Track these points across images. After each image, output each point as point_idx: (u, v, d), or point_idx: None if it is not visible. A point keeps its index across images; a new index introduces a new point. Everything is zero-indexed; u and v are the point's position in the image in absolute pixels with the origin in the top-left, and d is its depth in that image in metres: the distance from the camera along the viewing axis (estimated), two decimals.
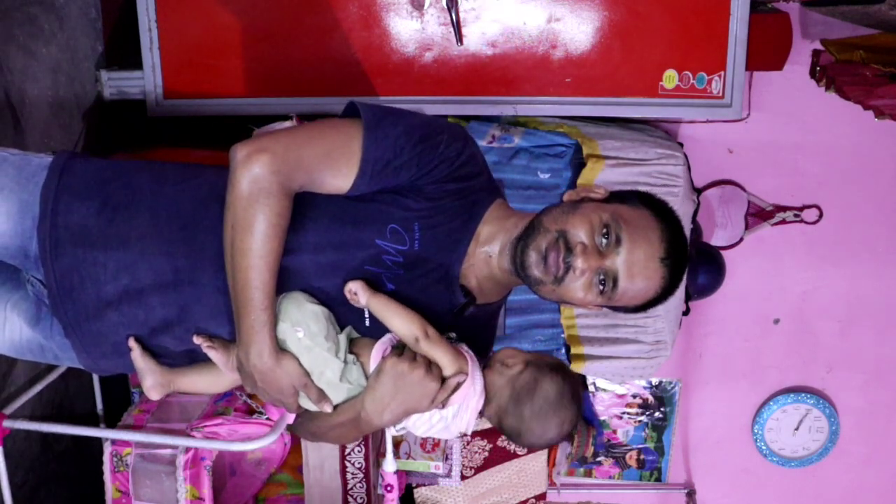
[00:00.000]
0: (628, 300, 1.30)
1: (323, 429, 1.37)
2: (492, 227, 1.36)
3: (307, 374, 1.28)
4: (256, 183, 1.21)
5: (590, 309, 1.35)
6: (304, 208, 1.28)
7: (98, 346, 1.40)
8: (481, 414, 1.35)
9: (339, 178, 1.27)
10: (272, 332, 1.25)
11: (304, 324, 1.26)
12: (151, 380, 1.38)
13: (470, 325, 1.39)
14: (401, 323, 1.27)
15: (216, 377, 1.39)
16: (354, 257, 1.29)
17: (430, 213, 1.31)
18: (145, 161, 1.46)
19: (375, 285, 1.30)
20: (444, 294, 1.35)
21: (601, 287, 1.27)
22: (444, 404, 1.29)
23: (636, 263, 1.26)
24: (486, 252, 1.35)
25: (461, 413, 1.31)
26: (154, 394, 1.39)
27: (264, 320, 1.23)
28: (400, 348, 1.29)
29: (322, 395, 1.30)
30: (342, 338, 1.30)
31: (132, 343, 1.37)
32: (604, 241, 1.26)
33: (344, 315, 1.32)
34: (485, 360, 1.39)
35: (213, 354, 1.33)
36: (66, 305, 1.37)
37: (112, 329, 1.37)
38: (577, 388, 1.36)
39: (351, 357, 1.30)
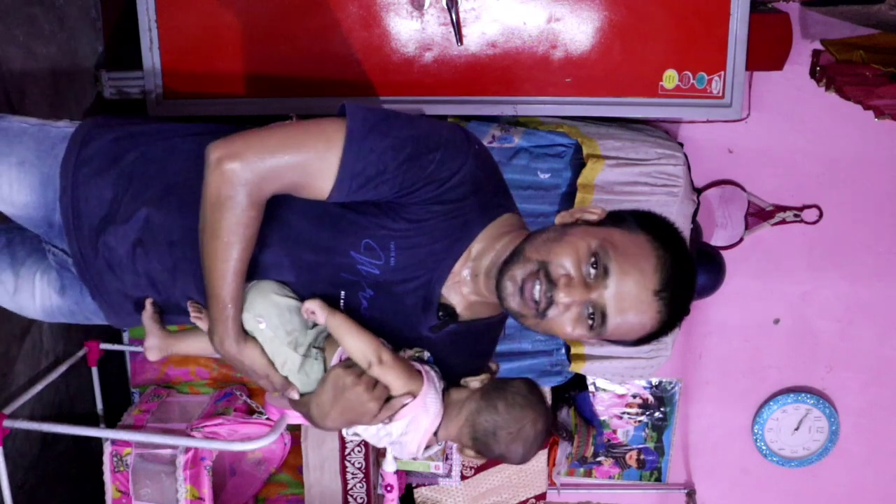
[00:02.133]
0: (621, 335, 1.22)
1: (299, 413, 1.38)
2: (484, 244, 1.28)
3: (270, 363, 1.29)
4: (224, 190, 1.18)
5: (587, 342, 1.29)
6: (287, 204, 1.27)
7: (123, 306, 1.46)
8: (436, 435, 1.31)
9: (314, 190, 1.21)
10: (235, 324, 1.26)
11: (266, 315, 1.27)
12: (151, 341, 1.44)
13: (453, 339, 1.34)
14: (355, 345, 1.25)
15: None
16: (331, 262, 1.28)
17: (409, 233, 1.24)
18: (161, 127, 1.46)
19: (333, 303, 1.28)
20: (419, 313, 1.31)
21: (590, 322, 1.18)
22: (390, 419, 1.27)
23: (626, 297, 1.16)
24: (473, 271, 1.29)
25: (410, 432, 1.28)
26: (151, 354, 1.45)
27: (227, 315, 1.25)
28: (351, 360, 1.27)
29: (287, 384, 1.30)
30: (311, 332, 1.30)
31: (147, 303, 1.42)
32: (591, 270, 1.16)
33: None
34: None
35: (200, 324, 1.36)
36: (91, 272, 1.43)
37: (132, 289, 1.42)
38: (543, 394, 1.34)
39: (315, 352, 1.29)
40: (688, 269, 1.20)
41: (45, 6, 2.39)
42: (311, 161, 1.19)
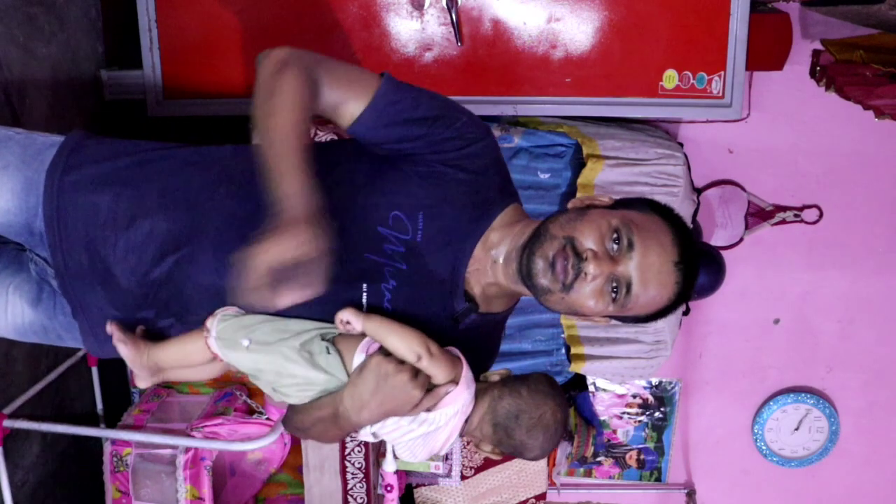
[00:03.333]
0: (641, 308, 1.25)
1: (306, 423, 1.33)
2: (500, 232, 1.32)
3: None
4: (282, 60, 1.23)
5: (596, 321, 1.29)
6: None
7: (104, 328, 1.39)
8: (465, 422, 1.30)
9: (350, 101, 1.26)
10: (306, 180, 1.17)
11: (242, 335, 1.25)
12: (140, 368, 1.36)
13: (470, 334, 1.35)
14: (400, 343, 1.23)
15: (203, 365, 1.37)
16: (357, 243, 1.27)
17: (435, 201, 1.28)
18: (154, 143, 1.45)
19: (356, 296, 1.26)
20: (446, 298, 1.32)
21: (613, 295, 1.22)
22: (430, 409, 1.25)
23: (650, 268, 1.21)
24: (492, 257, 1.32)
25: (458, 415, 1.27)
26: (141, 382, 1.37)
27: (296, 169, 1.16)
28: None
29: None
30: (307, 332, 1.27)
31: (138, 330, 1.36)
32: (615, 246, 1.22)
33: (338, 297, 1.27)
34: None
35: (121, 348, 1.31)
36: (74, 286, 1.37)
37: (120, 306, 1.36)
38: (562, 392, 1.35)
39: (324, 344, 1.26)
40: (694, 246, 1.27)
41: (45, 6, 2.39)
42: (354, 78, 1.28)
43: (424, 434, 1.28)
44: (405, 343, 1.23)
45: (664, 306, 1.26)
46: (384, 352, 1.24)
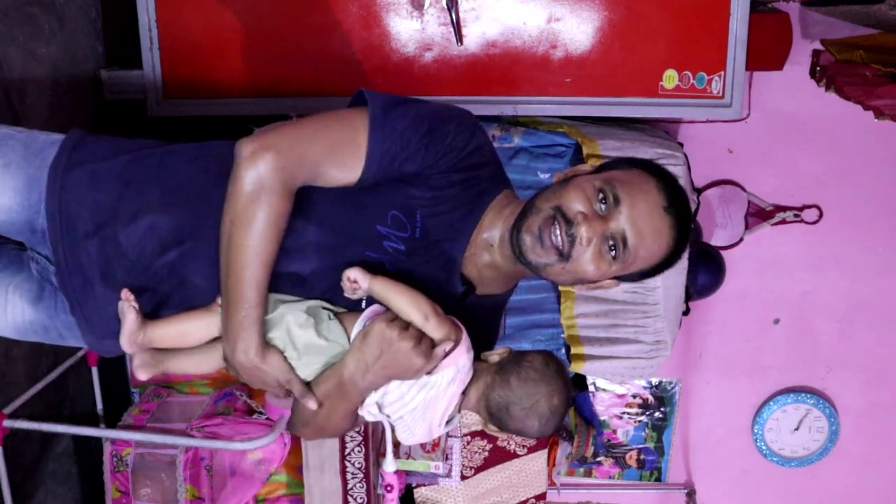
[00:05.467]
0: (643, 260, 1.26)
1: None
2: (493, 216, 1.35)
3: (292, 369, 1.27)
4: (260, 180, 1.20)
5: (605, 287, 1.30)
6: (309, 193, 1.28)
7: (104, 324, 1.40)
8: (464, 394, 1.31)
9: (345, 172, 1.26)
10: (260, 330, 1.24)
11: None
12: (140, 359, 1.36)
13: (469, 315, 1.37)
14: (407, 304, 1.23)
15: (203, 357, 1.37)
16: (356, 242, 1.29)
17: (433, 202, 1.30)
18: (155, 141, 1.46)
19: (374, 268, 1.28)
20: (444, 282, 1.35)
21: (612, 253, 1.24)
22: (430, 372, 1.25)
23: (640, 217, 1.23)
24: (487, 240, 1.35)
25: (457, 381, 1.27)
26: (141, 373, 1.36)
27: (254, 318, 1.23)
28: (392, 314, 1.26)
29: (306, 391, 1.28)
30: (308, 303, 1.28)
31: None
32: (602, 206, 1.24)
33: (340, 297, 1.30)
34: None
35: (129, 315, 1.30)
36: (74, 281, 1.38)
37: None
38: (562, 366, 1.34)
39: (326, 313, 1.27)
40: (682, 191, 1.28)
41: (45, 6, 2.39)
42: (340, 145, 1.25)
43: (424, 402, 1.28)
44: (413, 303, 1.23)
45: (666, 254, 1.27)
46: (388, 317, 1.24)
